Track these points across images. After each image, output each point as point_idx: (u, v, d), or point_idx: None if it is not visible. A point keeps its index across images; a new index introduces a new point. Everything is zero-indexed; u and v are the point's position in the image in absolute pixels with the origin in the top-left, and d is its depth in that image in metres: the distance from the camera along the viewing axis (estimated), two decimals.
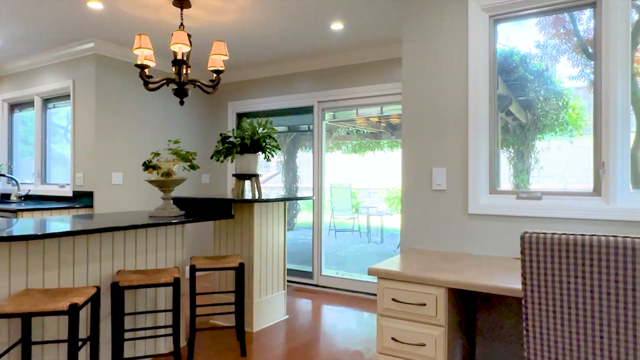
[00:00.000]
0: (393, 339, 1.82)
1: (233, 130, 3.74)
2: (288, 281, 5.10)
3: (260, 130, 3.55)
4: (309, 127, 5.11)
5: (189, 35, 3.04)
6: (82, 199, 4.31)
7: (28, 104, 5.05)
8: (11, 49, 4.46)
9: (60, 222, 2.51)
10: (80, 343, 2.29)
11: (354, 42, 4.23)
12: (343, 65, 4.64)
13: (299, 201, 6.49)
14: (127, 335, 2.73)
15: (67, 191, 4.46)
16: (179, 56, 3.11)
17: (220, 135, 3.58)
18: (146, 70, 3.12)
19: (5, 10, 3.45)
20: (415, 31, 2.52)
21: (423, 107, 2.48)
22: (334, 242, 8.13)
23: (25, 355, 2.15)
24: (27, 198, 4.81)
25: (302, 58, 4.80)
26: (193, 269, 2.85)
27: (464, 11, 2.37)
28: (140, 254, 2.81)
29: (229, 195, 3.64)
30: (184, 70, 3.19)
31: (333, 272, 4.96)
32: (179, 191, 5.23)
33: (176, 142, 3.09)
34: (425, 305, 1.75)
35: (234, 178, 4.66)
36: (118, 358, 2.46)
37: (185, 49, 3.02)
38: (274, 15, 3.54)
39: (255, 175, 3.56)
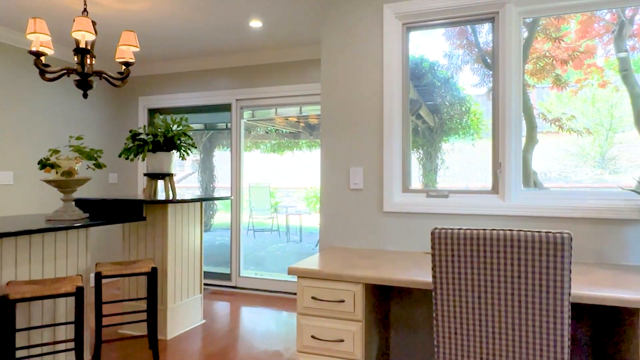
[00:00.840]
0: (313, 336, 1.84)
1: (144, 126, 3.52)
2: (205, 284, 4.93)
3: (174, 127, 3.38)
4: (226, 126, 4.98)
5: (93, 22, 2.80)
6: None
7: None
8: None
9: None
10: None
11: (274, 41, 4.21)
12: (263, 63, 4.60)
13: (216, 201, 6.30)
14: (21, 353, 2.44)
15: None
16: (82, 45, 2.85)
17: (130, 131, 3.35)
18: (42, 59, 2.81)
19: None
20: (334, 34, 2.57)
21: (341, 109, 2.54)
22: (252, 243, 8.03)
23: None
24: None
25: (220, 54, 4.67)
26: (99, 276, 2.63)
27: (380, 17, 2.47)
28: (35, 262, 2.53)
29: (140, 196, 3.42)
30: (88, 61, 2.93)
31: (252, 273, 4.89)
32: (83, 192, 4.80)
33: (79, 139, 2.83)
34: (343, 301, 1.80)
35: (146, 178, 4.39)
36: None
37: (90, 37, 2.78)
38: (189, 7, 3.40)
39: (169, 175, 3.38)
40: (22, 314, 2.47)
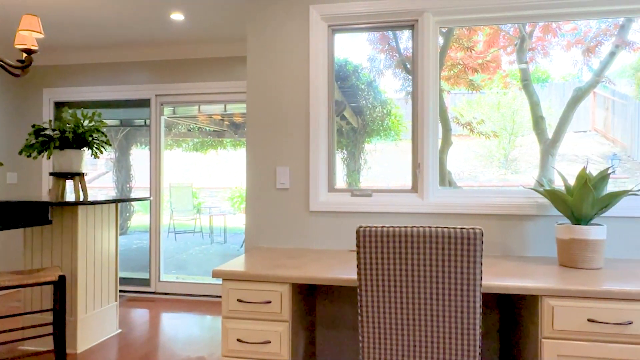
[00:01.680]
0: (239, 340, 1.80)
1: (50, 121, 3.20)
2: (121, 291, 4.62)
3: (85, 122, 3.12)
4: (145, 122, 4.71)
5: None
6: None
7: None
8: None
9: None
10: None
11: (197, 36, 4.06)
12: (185, 58, 4.41)
13: (133, 203, 5.94)
14: None
15: None
16: None
17: (33, 126, 3.03)
18: None
19: None
20: (260, 32, 2.54)
21: (268, 108, 2.52)
22: (174, 245, 7.68)
23: None
24: None
25: (139, 46, 4.40)
26: None
27: (306, 18, 2.48)
28: None
29: (45, 198, 3.11)
30: None
31: (173, 277, 4.67)
32: None
33: None
34: (270, 302, 1.78)
35: (52, 177, 4.01)
36: None
37: None
38: None
39: (80, 174, 3.12)
40: None
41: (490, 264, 1.99)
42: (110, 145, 3.32)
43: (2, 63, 2.76)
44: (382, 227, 1.53)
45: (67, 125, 3.04)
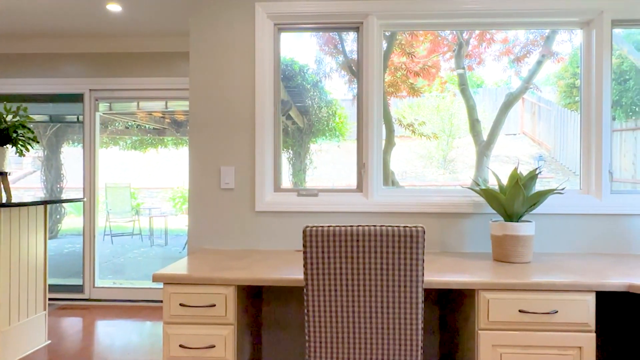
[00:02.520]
0: (181, 345, 1.74)
1: None
2: (51, 299, 4.30)
3: (9, 117, 2.88)
4: (78, 118, 4.42)
5: None
6: None
7: None
8: None
9: None
10: None
11: (136, 29, 3.87)
12: (123, 52, 4.19)
13: (65, 204, 5.56)
14: None
15: None
16: None
17: None
18: None
19: None
20: (203, 27, 2.47)
21: (211, 105, 2.45)
22: (110, 249, 7.29)
23: None
24: None
25: (72, 37, 4.12)
26: None
27: (251, 15, 2.44)
28: None
29: None
30: None
31: (109, 283, 4.43)
32: None
33: None
34: (214, 306, 1.73)
35: None
36: None
37: None
38: None
39: (3, 174, 2.87)
40: None
41: (430, 260, 2.07)
42: (37, 142, 3.08)
43: None
44: (329, 227, 1.55)
45: None
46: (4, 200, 2.80)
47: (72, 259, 4.69)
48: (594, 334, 1.66)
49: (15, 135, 2.87)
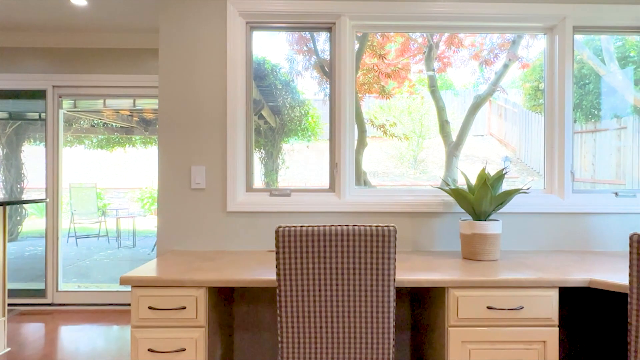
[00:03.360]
0: (150, 350, 1.70)
1: None
2: (10, 305, 4.11)
3: None
4: (40, 116, 4.25)
5: None
6: None
7: None
8: None
9: None
10: None
11: (103, 24, 3.75)
12: (89, 47, 4.05)
13: (26, 205, 5.32)
14: None
15: None
16: None
17: None
18: None
19: None
20: (173, 24, 2.42)
21: (182, 104, 2.41)
22: (74, 251, 7.03)
23: None
24: None
25: (34, 30, 3.95)
26: None
27: (223, 13, 2.41)
28: None
29: None
30: None
31: (74, 286, 4.27)
32: None
33: None
34: (185, 308, 1.70)
35: None
36: None
37: None
38: None
39: None
40: None
41: (402, 259, 2.10)
42: None
43: None
44: (302, 227, 1.54)
45: None
46: None
47: (34, 262, 4.50)
48: (557, 328, 1.72)
49: None
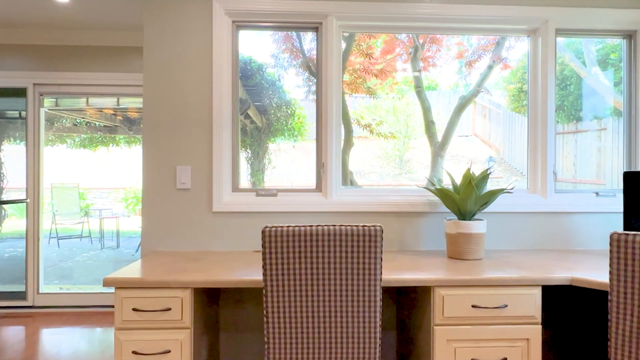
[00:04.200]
0: (134, 352, 1.67)
1: None
2: None
3: None
4: (20, 114, 4.15)
5: None
6: None
7: None
8: None
9: None
10: None
11: (86, 21, 3.68)
12: (71, 45, 3.97)
13: (5, 205, 5.21)
14: None
15: None
16: None
17: None
18: None
19: None
20: (158, 22, 2.39)
21: (167, 103, 2.38)
22: (56, 252, 6.91)
23: None
24: None
25: (15, 27, 3.86)
26: None
27: (209, 11, 2.39)
28: None
29: None
30: None
31: (56, 288, 4.19)
32: None
33: None
34: (170, 309, 1.68)
35: None
36: None
37: None
38: None
39: None
40: None
41: (388, 258, 2.11)
42: None
43: None
44: (288, 227, 1.54)
45: None
46: None
47: (14, 263, 4.40)
48: (540, 326, 1.75)
49: None
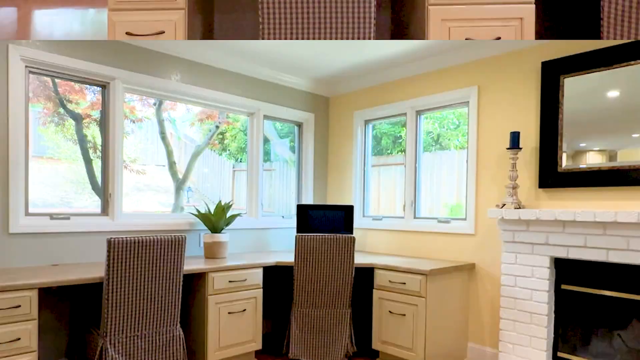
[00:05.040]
0: None
1: None
2: None
3: None
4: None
5: None
6: None
7: None
8: None
9: None
10: None
11: None
12: None
13: None
14: None
15: None
16: None
17: None
18: None
19: None
20: None
21: None
22: None
23: None
24: None
25: None
26: None
27: (4, 55, 2.61)
28: None
29: None
30: None
31: None
32: None
33: None
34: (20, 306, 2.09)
35: None
36: None
37: None
38: None
39: None
40: None
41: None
42: None
43: None
44: (131, 238, 2.32)
45: None
46: None
47: None
48: (262, 289, 3.13)
49: None
